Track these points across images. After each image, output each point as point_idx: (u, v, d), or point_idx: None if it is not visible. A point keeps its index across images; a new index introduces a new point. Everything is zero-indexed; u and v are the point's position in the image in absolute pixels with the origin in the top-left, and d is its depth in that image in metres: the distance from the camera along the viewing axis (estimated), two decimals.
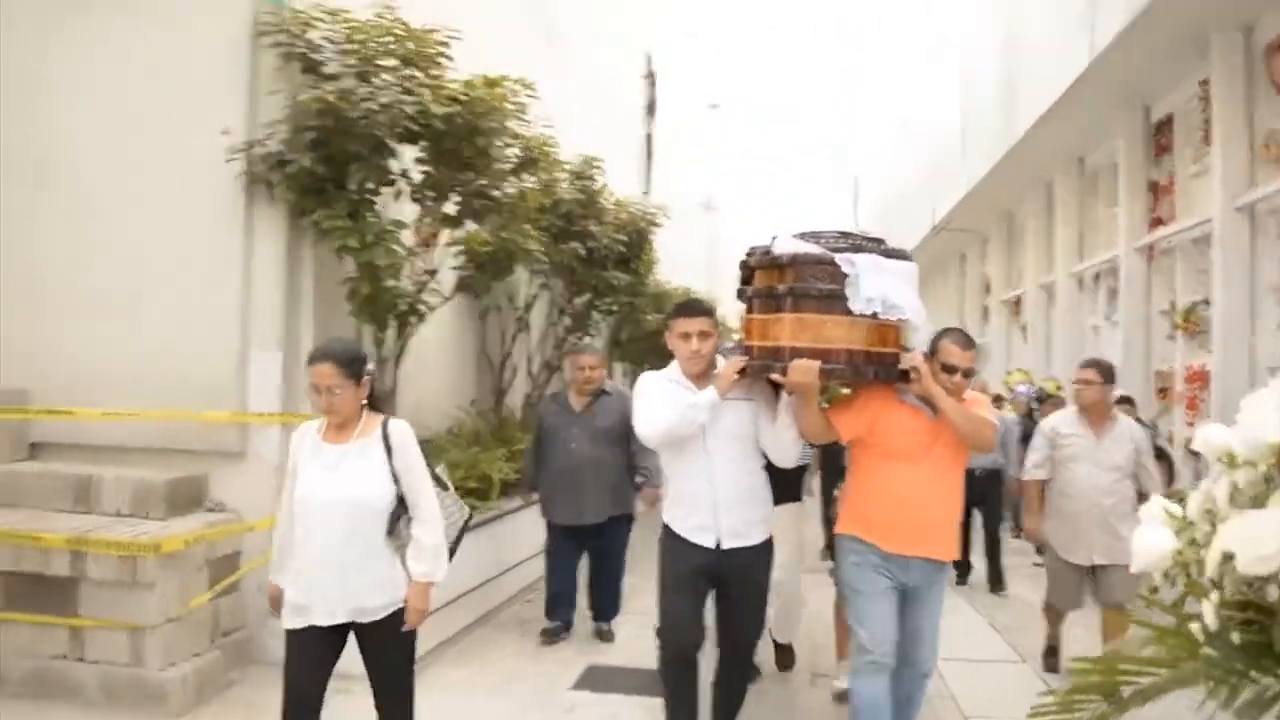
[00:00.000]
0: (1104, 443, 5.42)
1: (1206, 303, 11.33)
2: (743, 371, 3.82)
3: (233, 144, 5.14)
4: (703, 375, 3.93)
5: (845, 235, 3.73)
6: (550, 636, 6.09)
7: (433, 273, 5.90)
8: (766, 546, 4.03)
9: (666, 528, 4.05)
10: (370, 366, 3.55)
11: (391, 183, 5.34)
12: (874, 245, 3.73)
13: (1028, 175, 17.10)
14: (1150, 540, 1.57)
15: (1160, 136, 13.20)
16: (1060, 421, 5.64)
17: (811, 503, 5.90)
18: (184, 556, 4.71)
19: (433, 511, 3.46)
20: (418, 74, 5.24)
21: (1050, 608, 5.79)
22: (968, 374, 3.84)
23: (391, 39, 5.23)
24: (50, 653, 4.66)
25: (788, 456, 3.99)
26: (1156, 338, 13.24)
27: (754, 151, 36.99)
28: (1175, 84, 12.31)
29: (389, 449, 3.39)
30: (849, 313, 3.59)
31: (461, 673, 5.45)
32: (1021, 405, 12.44)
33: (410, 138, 5.22)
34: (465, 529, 3.81)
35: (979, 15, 18.81)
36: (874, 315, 3.63)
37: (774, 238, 3.77)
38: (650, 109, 17.37)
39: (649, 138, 17.27)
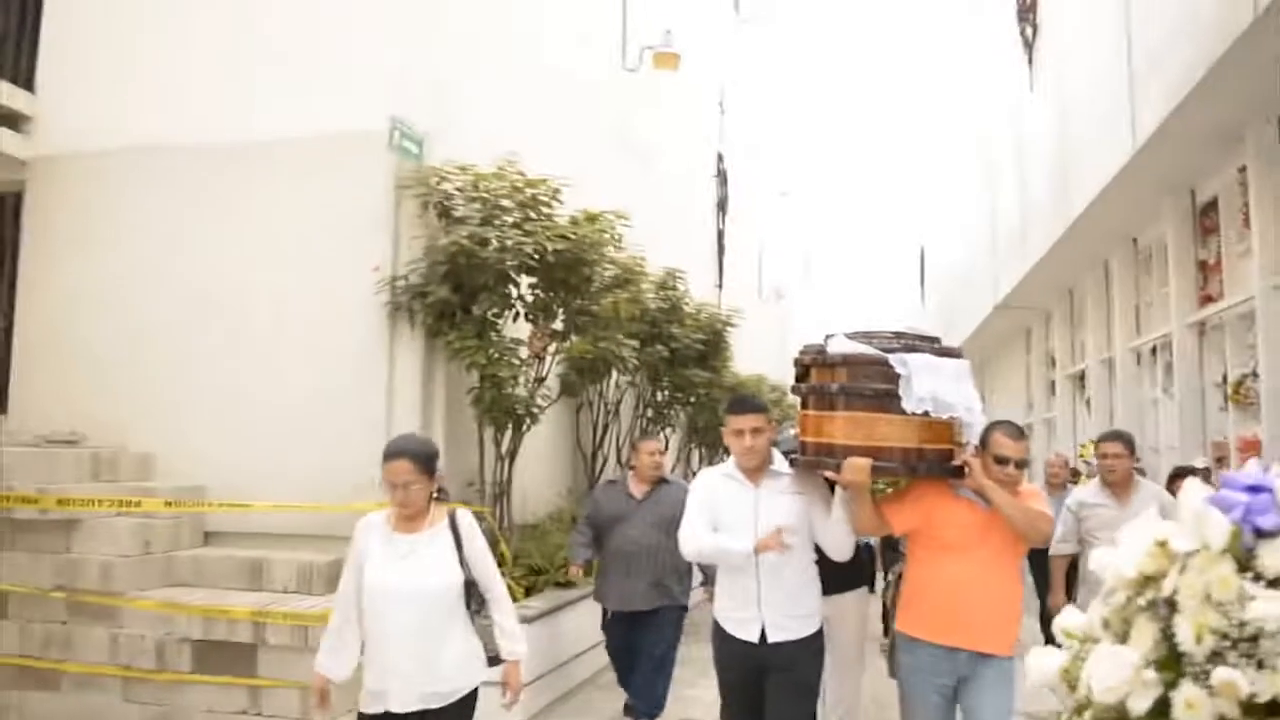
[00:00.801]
0: (1127, 512, 5.33)
1: (1255, 375, 11.85)
2: (794, 464, 3.92)
3: (380, 278, 6.16)
4: (758, 469, 3.99)
5: (899, 335, 3.78)
6: (631, 712, 6.02)
7: (542, 380, 6.84)
8: (814, 640, 4.02)
9: (715, 620, 4.11)
10: (441, 462, 3.77)
11: (512, 307, 6.31)
12: (926, 345, 3.77)
13: (1084, 254, 17.66)
14: (1040, 660, 1.62)
15: (1205, 218, 13.83)
16: (1085, 494, 5.78)
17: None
18: None
19: (505, 594, 3.66)
20: (533, 215, 6.23)
21: None
22: (1020, 464, 3.83)
23: (511, 187, 6.22)
24: (232, 709, 5.56)
25: (842, 550, 4.01)
26: (1210, 409, 13.72)
27: (824, 238, 37.95)
28: (1218, 169, 12.98)
29: (457, 538, 3.53)
30: (902, 411, 3.61)
31: None
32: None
33: (527, 270, 6.19)
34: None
35: (1032, 103, 19.64)
36: (925, 414, 3.66)
37: (828, 337, 3.84)
38: (722, 206, 18.38)
39: (720, 234, 18.27)
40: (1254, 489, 1.55)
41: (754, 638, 3.91)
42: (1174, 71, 10.94)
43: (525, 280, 6.42)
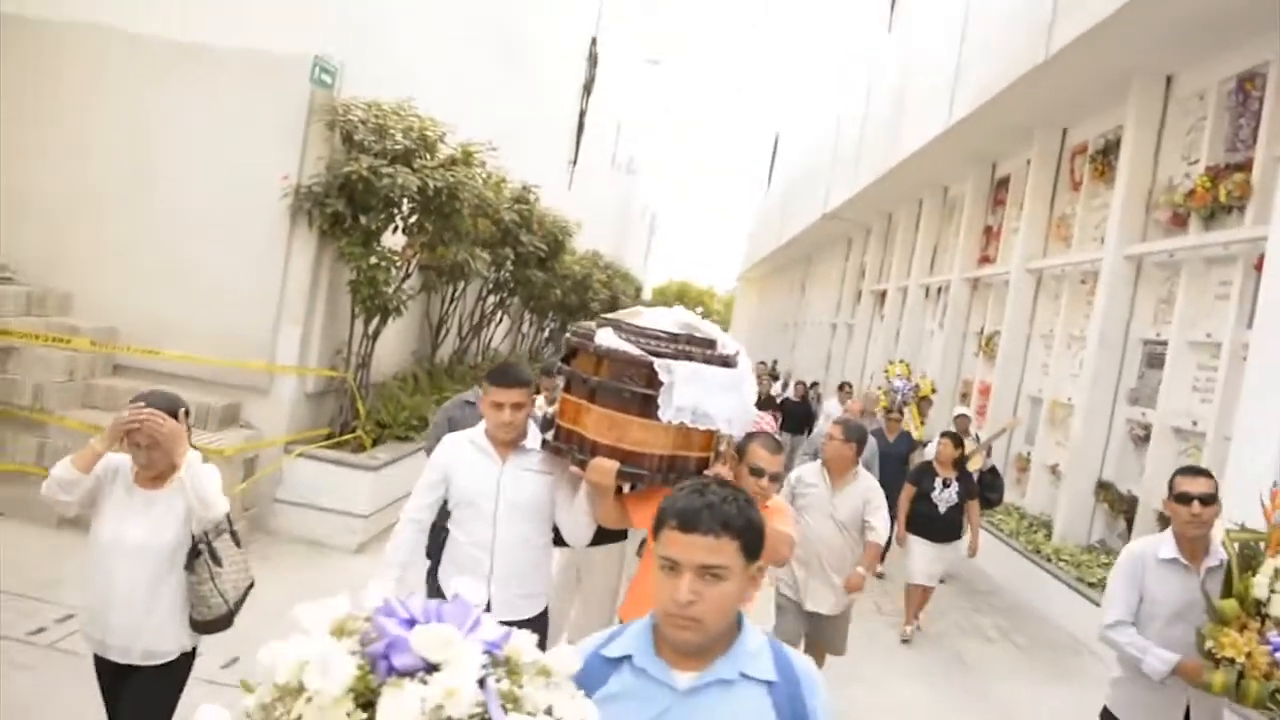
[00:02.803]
0: (835, 498, 5.61)
1: (999, 334, 14.49)
2: (545, 444, 3.78)
3: (287, 185, 7.58)
4: (510, 443, 3.88)
5: (674, 338, 3.56)
6: None
7: (408, 276, 8.45)
8: (539, 621, 3.93)
9: (439, 588, 4.04)
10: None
11: (393, 223, 7.86)
12: (700, 351, 3.56)
13: (904, 190, 19.89)
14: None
15: (1000, 190, 16.24)
16: (806, 472, 5.81)
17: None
18: (233, 458, 7.27)
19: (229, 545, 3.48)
20: (420, 153, 7.73)
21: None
22: (774, 478, 3.81)
23: (405, 127, 7.68)
24: None
25: (580, 538, 3.93)
26: (967, 353, 16.47)
27: (688, 111, 39.28)
28: (1013, 155, 15.32)
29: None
30: (657, 416, 3.43)
31: None
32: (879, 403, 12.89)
33: (411, 200, 7.72)
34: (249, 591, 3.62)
35: (886, 45, 21.48)
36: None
37: (598, 327, 3.64)
38: (588, 87, 19.67)
39: (583, 113, 19.63)
40: (410, 622, 1.58)
41: None
42: (987, 72, 13.01)
43: (407, 204, 7.94)
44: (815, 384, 21.25)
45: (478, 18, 11.53)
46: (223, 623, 3.48)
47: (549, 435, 3.77)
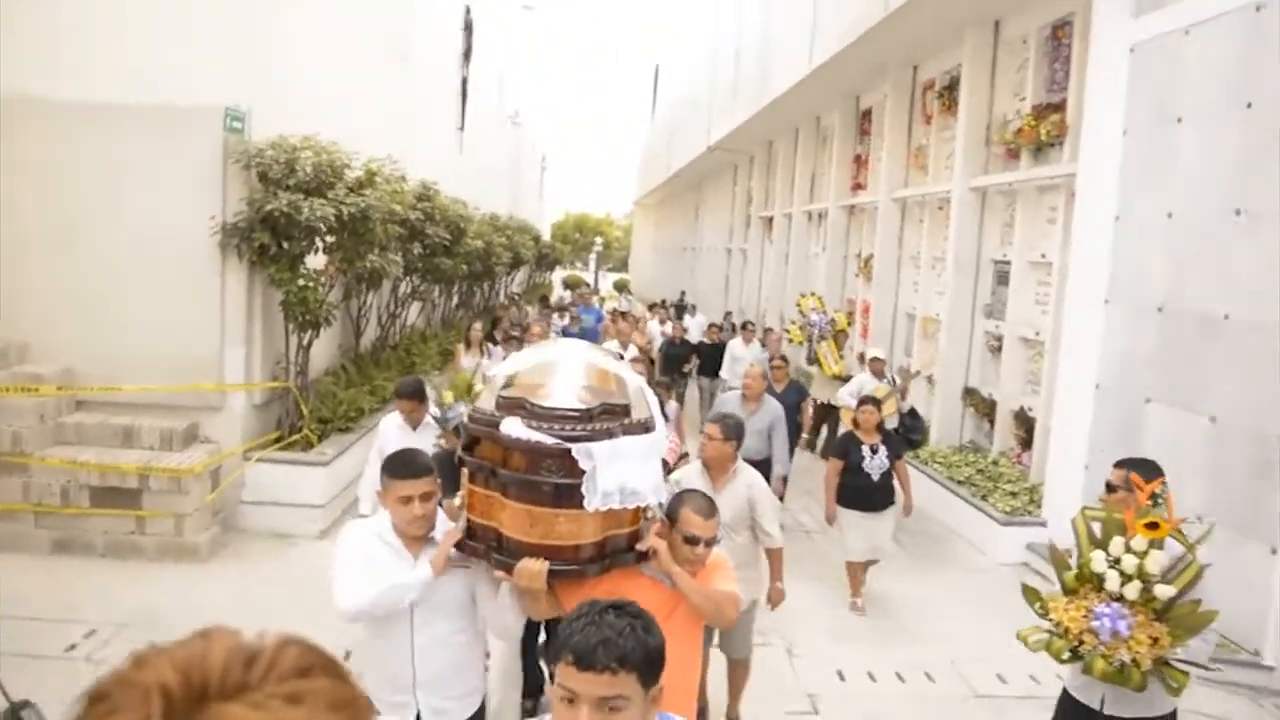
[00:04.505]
0: (720, 497, 5.22)
1: (873, 257, 15.83)
2: (460, 546, 3.49)
3: (214, 225, 8.38)
4: (420, 538, 3.60)
5: (588, 415, 3.29)
6: None
7: (332, 287, 9.35)
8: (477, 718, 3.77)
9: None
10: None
11: (315, 247, 8.73)
12: (617, 424, 3.34)
13: (780, 121, 20.93)
14: None
15: (865, 123, 17.44)
16: (685, 474, 5.50)
17: None
18: (201, 473, 8.18)
19: None
20: (331, 180, 8.57)
21: None
22: (709, 544, 3.58)
23: (315, 160, 8.51)
24: (123, 531, 8.07)
25: (510, 635, 3.70)
26: (848, 275, 17.82)
27: (566, 53, 39.64)
28: (873, 90, 16.51)
29: None
30: (582, 505, 3.22)
31: None
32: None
33: (328, 227, 8.58)
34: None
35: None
36: None
37: (502, 416, 3.31)
38: (467, 54, 20.26)
39: (465, 80, 20.23)
40: None
41: None
42: (839, 24, 14.08)
43: (326, 231, 8.79)
44: (729, 314, 22.20)
45: (364, 19, 12.26)
46: None
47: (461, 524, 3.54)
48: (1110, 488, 4.48)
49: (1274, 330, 6.75)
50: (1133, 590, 3.83)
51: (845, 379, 11.97)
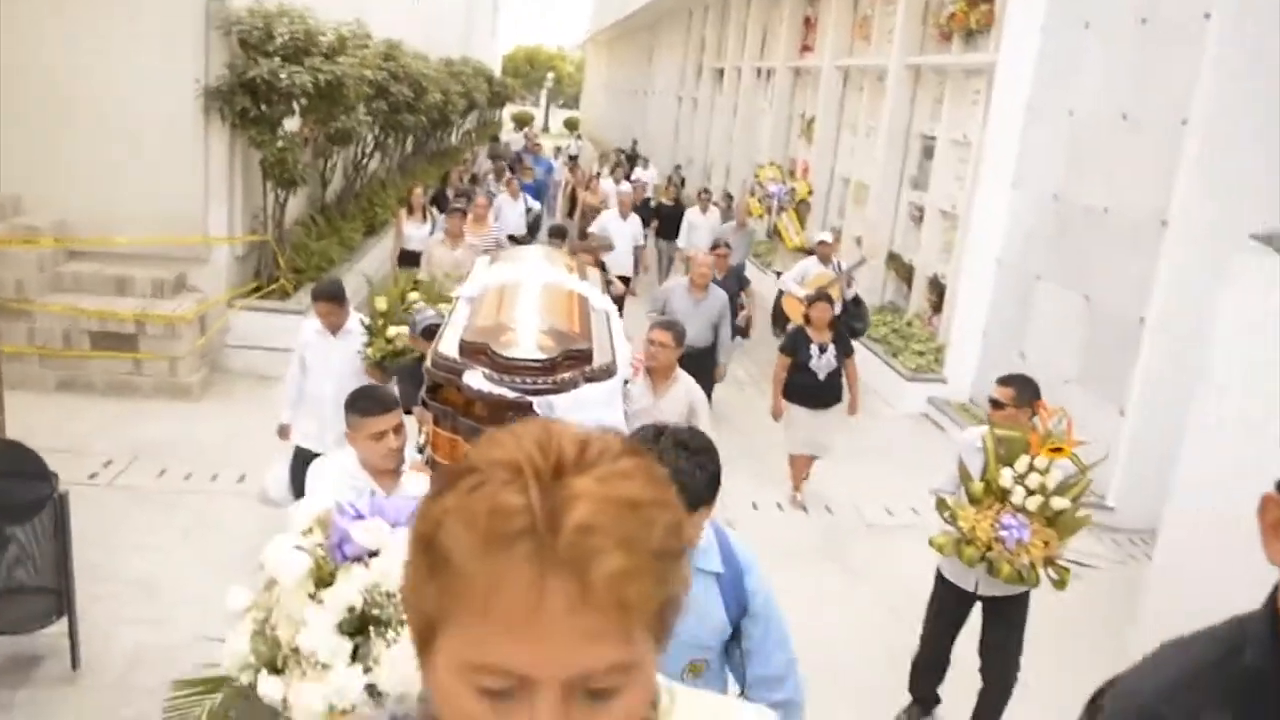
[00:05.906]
0: (660, 404, 5.51)
1: (815, 119, 16.58)
2: (430, 463, 3.50)
3: (198, 88, 8.97)
4: (392, 474, 3.66)
5: (551, 365, 3.31)
6: None
7: (306, 144, 10.01)
8: None
9: None
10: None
11: (293, 110, 9.36)
12: (579, 373, 3.34)
13: None
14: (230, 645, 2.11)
15: None
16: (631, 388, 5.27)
17: None
18: (192, 320, 9.03)
19: None
20: (309, 49, 9.15)
21: None
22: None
23: (292, 29, 9.06)
24: (122, 371, 8.93)
25: None
26: (792, 135, 18.55)
27: None
28: None
29: None
30: None
31: None
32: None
33: (305, 94, 9.20)
34: None
35: None
36: None
37: (465, 365, 3.29)
38: None
39: None
40: (359, 518, 2.06)
41: None
42: None
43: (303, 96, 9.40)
44: (678, 167, 22.69)
45: None
46: None
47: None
48: (996, 404, 4.77)
49: (1143, 226, 7.82)
50: (1034, 503, 4.21)
51: (809, 252, 11.98)
